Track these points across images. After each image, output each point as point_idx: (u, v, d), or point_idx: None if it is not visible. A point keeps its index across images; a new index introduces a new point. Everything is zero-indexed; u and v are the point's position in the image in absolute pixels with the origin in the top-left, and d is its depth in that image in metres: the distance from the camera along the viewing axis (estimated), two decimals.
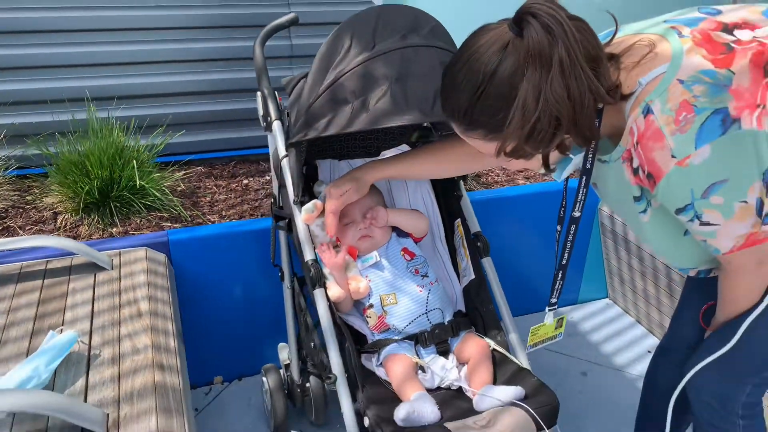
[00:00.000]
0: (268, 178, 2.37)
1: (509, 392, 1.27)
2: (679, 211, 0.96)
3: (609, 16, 1.02)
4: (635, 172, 0.98)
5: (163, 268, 1.75)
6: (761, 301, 1.09)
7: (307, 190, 1.54)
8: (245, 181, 2.34)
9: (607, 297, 2.52)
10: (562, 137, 0.94)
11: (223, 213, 2.10)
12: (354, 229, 1.49)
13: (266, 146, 2.52)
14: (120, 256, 1.75)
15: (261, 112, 1.59)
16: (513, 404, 1.25)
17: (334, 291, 1.40)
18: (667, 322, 2.16)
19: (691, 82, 0.90)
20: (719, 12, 1.01)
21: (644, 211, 1.05)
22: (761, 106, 0.89)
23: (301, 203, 1.44)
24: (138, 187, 1.99)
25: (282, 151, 1.49)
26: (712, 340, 1.21)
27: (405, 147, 1.68)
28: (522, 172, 2.43)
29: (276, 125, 1.53)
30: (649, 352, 2.21)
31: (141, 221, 1.99)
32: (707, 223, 0.95)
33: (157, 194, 2.01)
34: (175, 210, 2.04)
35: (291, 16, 1.66)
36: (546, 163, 0.98)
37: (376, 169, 1.38)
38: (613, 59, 0.98)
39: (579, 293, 2.48)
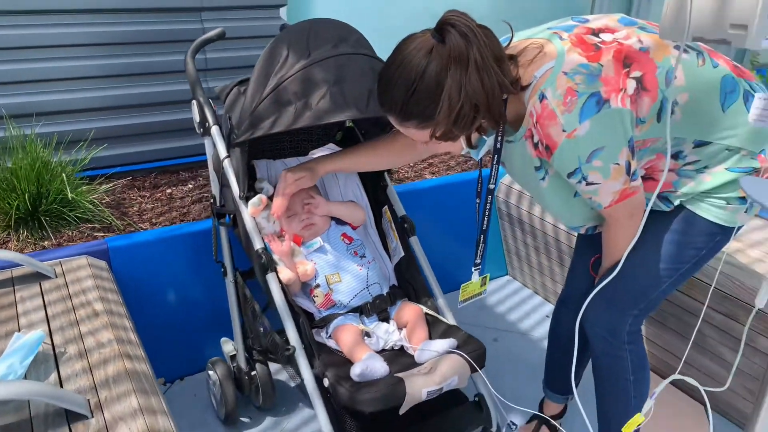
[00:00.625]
0: (191, 186, 2.47)
1: (444, 344, 1.50)
2: (570, 174, 1.23)
3: (506, 25, 1.28)
4: (536, 146, 1.24)
5: (107, 273, 1.83)
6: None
7: (250, 187, 1.69)
8: (168, 191, 2.43)
9: (507, 274, 2.84)
10: (480, 121, 1.18)
11: (154, 221, 2.18)
12: (296, 220, 1.66)
13: (184, 157, 2.62)
14: (61, 265, 1.81)
15: (197, 119, 1.72)
16: (449, 353, 1.48)
17: (285, 274, 1.57)
18: (560, 289, 2.49)
19: (572, 73, 1.17)
20: (587, 20, 1.30)
21: (543, 179, 1.31)
22: (623, 89, 1.18)
23: (247, 198, 1.60)
24: (69, 199, 2.04)
25: (223, 153, 1.64)
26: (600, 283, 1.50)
27: (332, 146, 1.87)
28: (428, 168, 2.70)
29: (215, 130, 1.67)
30: (547, 317, 2.53)
31: (73, 233, 2.04)
32: (591, 183, 1.23)
33: (89, 206, 2.06)
34: (107, 220, 2.10)
35: (219, 30, 1.80)
36: (469, 143, 1.22)
37: (328, 162, 1.58)
38: (512, 59, 1.24)
39: (483, 273, 2.77)
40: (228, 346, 2.01)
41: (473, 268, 1.47)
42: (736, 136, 1.28)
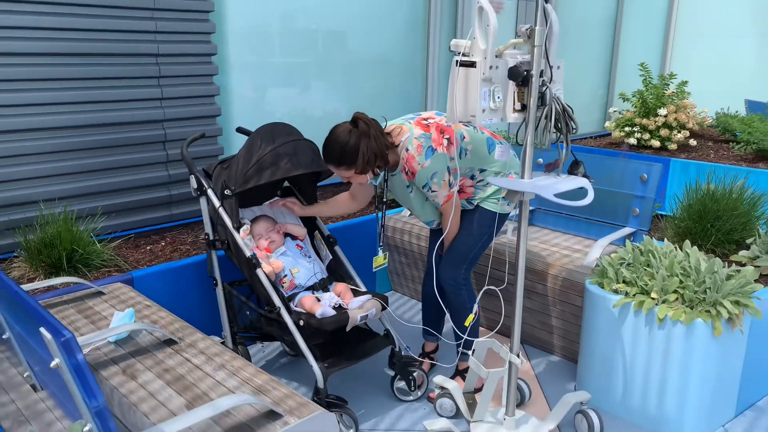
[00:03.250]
0: (163, 244, 3.43)
1: (365, 297, 2.64)
2: (423, 186, 2.46)
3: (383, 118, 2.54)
4: (406, 174, 2.47)
5: (137, 291, 2.77)
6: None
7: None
8: (148, 247, 3.37)
9: (392, 289, 4.02)
10: (378, 163, 2.40)
11: (149, 264, 3.12)
12: (264, 240, 2.75)
13: (150, 225, 3.57)
14: (105, 288, 2.72)
15: (195, 186, 2.77)
16: (368, 300, 2.61)
17: (267, 268, 2.63)
18: None
19: (419, 138, 2.43)
20: (420, 114, 2.58)
21: (411, 192, 2.55)
22: (442, 144, 2.45)
23: (238, 227, 2.67)
24: (90, 251, 2.95)
25: (217, 204, 2.70)
26: (444, 256, 2.73)
27: (276, 198, 2.99)
28: (330, 219, 3.87)
29: (210, 191, 2.74)
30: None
31: (98, 274, 2.94)
32: (434, 191, 2.47)
33: (109, 256, 2.99)
34: (119, 265, 3.03)
35: (201, 132, 2.91)
36: (374, 175, 2.43)
37: (309, 208, 2.81)
38: (388, 134, 2.48)
39: (379, 290, 3.92)
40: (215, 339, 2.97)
41: (378, 248, 2.65)
42: (497, 165, 2.60)
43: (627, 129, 6.05)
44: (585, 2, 6.70)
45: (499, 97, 2.05)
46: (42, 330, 1.29)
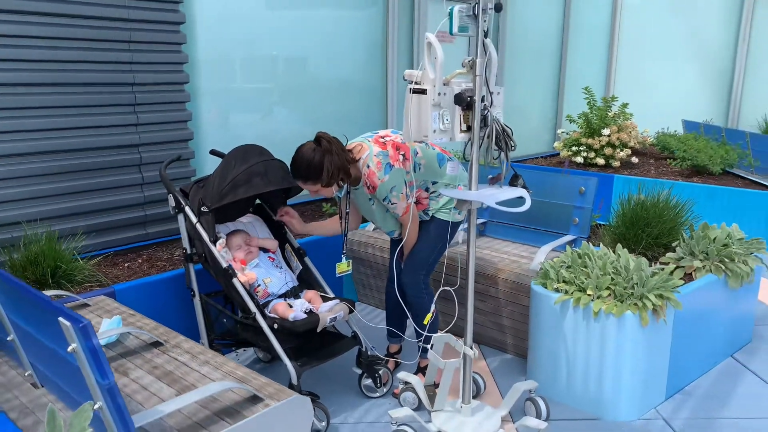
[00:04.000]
0: (140, 261, 3.63)
1: (333, 302, 2.89)
2: (384, 199, 2.75)
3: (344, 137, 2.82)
4: (368, 188, 2.75)
5: (120, 303, 2.96)
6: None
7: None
8: (126, 264, 3.56)
9: (358, 300, 4.27)
10: (342, 177, 2.67)
11: (128, 279, 3.32)
12: (242, 252, 2.99)
13: (127, 244, 3.77)
14: (90, 300, 2.92)
15: (173, 204, 3.00)
16: (336, 304, 2.87)
17: (242, 278, 2.87)
18: None
19: (378, 155, 2.72)
20: (378, 132, 2.88)
21: (373, 204, 2.83)
22: (399, 159, 2.74)
23: (214, 241, 2.90)
24: (73, 268, 3.14)
25: (194, 220, 2.93)
26: (405, 263, 3.01)
27: (249, 215, 3.24)
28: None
29: (188, 209, 2.97)
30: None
31: (80, 288, 3.13)
32: (393, 203, 2.75)
33: (90, 271, 3.18)
34: (100, 280, 3.22)
35: (177, 155, 3.15)
36: (339, 188, 2.71)
37: (303, 226, 3.03)
38: (350, 151, 2.77)
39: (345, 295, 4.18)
40: None
41: (342, 255, 2.91)
42: (447, 178, 2.91)
43: (574, 148, 6.48)
44: (533, 33, 7.18)
45: (447, 120, 2.36)
46: (61, 319, 1.51)
